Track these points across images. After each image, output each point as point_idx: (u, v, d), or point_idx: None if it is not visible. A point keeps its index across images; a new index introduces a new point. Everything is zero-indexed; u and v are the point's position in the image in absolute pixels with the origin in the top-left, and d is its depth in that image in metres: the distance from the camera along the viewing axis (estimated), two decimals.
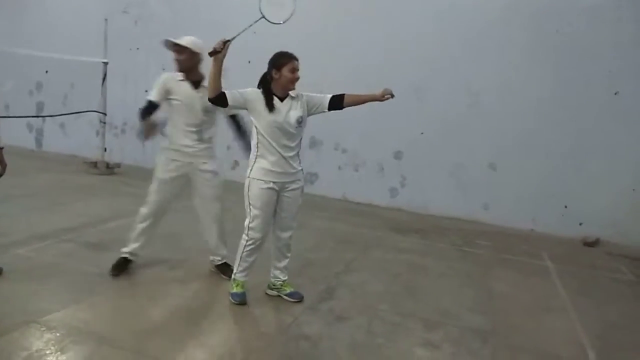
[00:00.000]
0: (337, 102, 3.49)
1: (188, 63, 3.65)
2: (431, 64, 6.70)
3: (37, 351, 2.71)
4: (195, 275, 3.96)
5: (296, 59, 3.39)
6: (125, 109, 8.53)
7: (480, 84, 6.53)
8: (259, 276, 3.79)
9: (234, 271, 3.58)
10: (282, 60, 3.34)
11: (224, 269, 3.96)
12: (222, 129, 3.94)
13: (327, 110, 3.52)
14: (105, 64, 7.74)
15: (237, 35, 3.15)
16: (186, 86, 3.66)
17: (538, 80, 6.29)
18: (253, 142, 3.41)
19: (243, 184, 3.48)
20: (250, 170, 3.41)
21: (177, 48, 3.65)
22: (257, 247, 3.51)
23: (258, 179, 3.38)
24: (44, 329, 2.95)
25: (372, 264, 4.71)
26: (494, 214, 6.58)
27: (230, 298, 3.54)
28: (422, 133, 6.84)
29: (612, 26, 5.96)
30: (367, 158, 7.13)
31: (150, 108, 3.62)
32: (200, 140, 3.75)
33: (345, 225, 5.95)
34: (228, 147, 7.80)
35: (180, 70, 3.68)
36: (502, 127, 6.49)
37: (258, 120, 3.32)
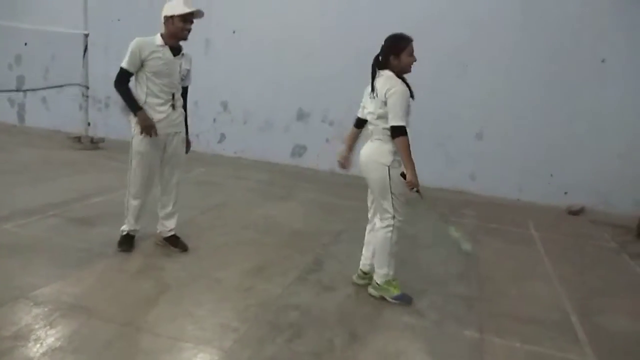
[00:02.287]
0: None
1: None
2: (418, 31, 6.59)
3: (26, 326, 2.72)
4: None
5: (412, 40, 3.32)
6: (108, 83, 8.19)
7: (468, 54, 6.49)
8: (245, 245, 3.80)
9: (385, 272, 3.34)
10: (402, 44, 3.31)
11: (175, 241, 3.94)
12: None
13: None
14: (86, 35, 7.55)
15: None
16: (167, 52, 3.57)
17: (525, 49, 6.26)
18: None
19: (229, 158, 3.45)
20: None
21: (193, 18, 3.55)
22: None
23: (397, 169, 3.32)
24: (32, 303, 2.95)
25: (360, 235, 4.69)
26: (481, 184, 6.64)
27: (394, 302, 3.33)
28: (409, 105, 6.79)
29: None
30: None
31: (126, 78, 3.55)
32: (175, 107, 3.69)
33: (333, 197, 5.98)
34: (214, 120, 7.74)
35: (183, 39, 3.59)
36: (489, 97, 6.49)
37: None
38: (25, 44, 8.84)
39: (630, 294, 3.89)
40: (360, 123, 3.55)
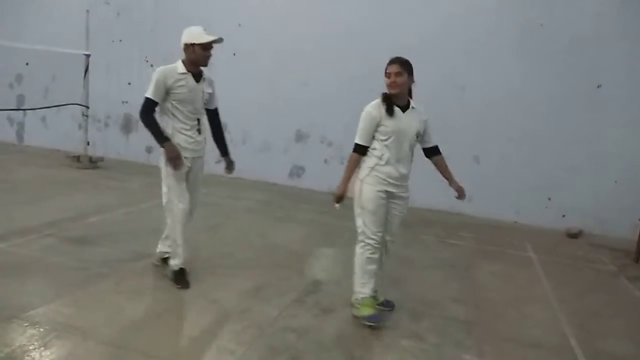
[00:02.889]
0: (430, 152, 3.68)
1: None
2: (415, 53, 6.67)
3: (20, 347, 2.68)
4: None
5: (392, 62, 3.36)
6: (108, 102, 8.44)
7: (465, 78, 6.57)
8: (246, 269, 3.78)
9: (357, 289, 3.36)
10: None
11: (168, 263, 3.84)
12: (202, 120, 3.89)
13: (422, 145, 3.63)
14: (88, 56, 7.62)
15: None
16: (190, 79, 3.58)
17: (522, 73, 6.34)
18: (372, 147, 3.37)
19: (228, 178, 3.45)
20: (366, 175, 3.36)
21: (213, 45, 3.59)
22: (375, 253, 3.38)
23: (371, 185, 3.33)
24: (26, 324, 2.92)
25: None
26: (478, 207, 6.64)
27: (365, 322, 3.27)
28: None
29: (595, 19, 6.02)
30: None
31: (152, 108, 3.52)
32: (200, 132, 3.71)
33: (331, 218, 5.96)
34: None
35: (204, 66, 3.63)
36: (486, 120, 6.55)
37: (381, 128, 3.32)
38: (27, 63, 8.91)
39: (630, 317, 3.87)
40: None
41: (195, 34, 3.51)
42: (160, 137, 3.52)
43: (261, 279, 3.91)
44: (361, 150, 3.34)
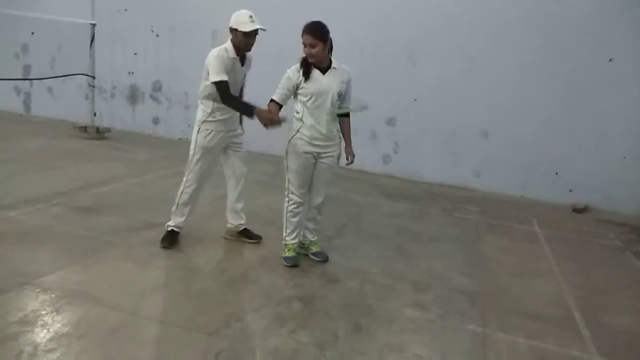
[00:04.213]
0: (342, 115, 3.66)
1: None
2: (426, 27, 6.62)
3: (32, 311, 2.74)
4: (190, 239, 3.97)
5: (304, 32, 3.39)
6: (114, 73, 8.39)
7: (475, 49, 6.47)
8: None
9: (283, 235, 3.73)
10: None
11: (248, 234, 4.07)
12: None
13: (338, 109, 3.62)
14: (93, 25, 7.55)
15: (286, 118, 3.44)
16: (238, 63, 3.67)
17: (533, 46, 6.24)
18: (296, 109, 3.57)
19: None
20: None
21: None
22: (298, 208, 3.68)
23: (295, 146, 3.55)
24: (38, 290, 2.97)
25: (364, 229, 4.76)
26: (485, 181, 6.64)
27: (284, 262, 3.68)
28: (415, 99, 6.81)
29: None
30: (360, 124, 7.09)
31: (228, 88, 3.53)
32: (228, 110, 3.76)
33: (338, 190, 5.97)
34: None
35: (247, 51, 3.68)
36: (495, 93, 6.47)
37: (300, 90, 3.48)
38: (32, 33, 8.84)
39: (634, 292, 3.89)
40: None
41: (239, 21, 3.52)
42: (249, 109, 3.48)
43: (268, 249, 3.95)
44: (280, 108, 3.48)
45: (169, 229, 3.89)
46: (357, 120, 7.26)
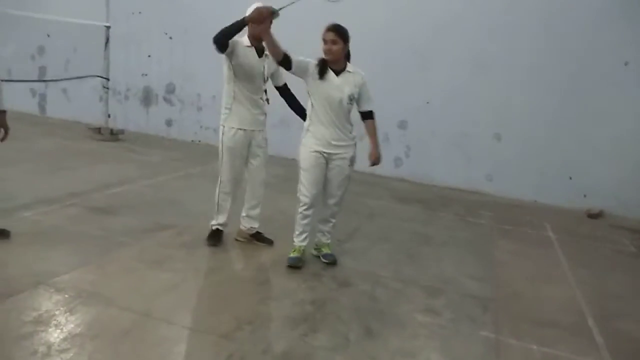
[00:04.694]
0: (364, 116, 3.68)
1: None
2: (437, 30, 6.59)
3: (46, 311, 2.77)
4: (202, 241, 3.98)
5: (328, 30, 3.44)
6: (128, 75, 8.47)
7: (487, 54, 6.44)
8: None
9: (294, 236, 3.76)
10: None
11: (260, 237, 4.09)
12: (221, 94, 3.90)
13: (359, 110, 3.67)
14: (108, 28, 7.64)
15: (284, 7, 3.27)
16: (252, 53, 3.70)
17: (546, 49, 6.19)
18: (308, 110, 3.60)
19: None
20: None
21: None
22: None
23: (306, 145, 3.58)
24: (52, 290, 3.00)
25: (375, 232, 4.75)
26: (498, 185, 6.59)
27: (287, 262, 3.70)
28: (427, 102, 6.78)
29: None
30: None
31: (223, 38, 3.46)
32: (258, 107, 3.83)
33: (349, 194, 5.92)
34: None
35: (259, 39, 3.65)
36: (508, 96, 6.43)
37: (312, 90, 3.51)
38: (48, 35, 8.96)
39: None
40: None
41: (249, 11, 3.52)
42: (238, 21, 3.42)
43: (280, 252, 3.94)
44: (286, 60, 3.40)
45: (214, 227, 3.98)
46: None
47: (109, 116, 8.00)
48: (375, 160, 3.66)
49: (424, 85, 6.73)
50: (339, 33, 3.41)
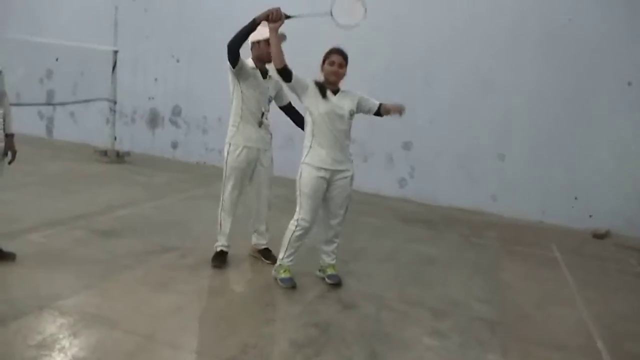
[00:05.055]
0: (380, 111, 3.68)
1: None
2: (441, 51, 6.66)
3: (50, 335, 2.76)
4: (206, 262, 3.98)
5: (337, 53, 3.53)
6: (135, 98, 8.57)
7: (490, 73, 6.48)
8: (266, 265, 3.84)
9: (281, 257, 3.72)
10: (325, 55, 3.55)
11: (267, 254, 4.13)
12: (226, 115, 3.94)
13: (373, 114, 3.69)
14: (116, 52, 7.76)
15: (297, 16, 3.36)
16: (259, 74, 3.82)
17: (549, 70, 6.24)
18: (307, 130, 3.60)
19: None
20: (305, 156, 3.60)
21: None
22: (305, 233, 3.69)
23: (308, 170, 3.56)
24: (56, 313, 3.00)
25: (380, 253, 4.73)
26: (503, 205, 6.57)
27: (280, 284, 3.68)
28: (431, 122, 6.81)
29: (626, 16, 5.89)
30: (376, 148, 7.12)
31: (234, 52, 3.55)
32: (262, 126, 3.91)
33: (354, 215, 5.90)
34: None
35: (269, 62, 3.68)
36: (511, 117, 6.46)
37: (313, 109, 3.52)
38: (57, 59, 9.10)
39: None
40: None
41: (261, 31, 3.59)
42: (249, 23, 3.45)
43: None
44: (287, 71, 3.42)
45: (218, 249, 4.01)
46: (373, 145, 7.32)
47: (115, 139, 8.07)
48: (400, 108, 3.66)
49: (428, 105, 6.76)
50: (345, 57, 3.53)
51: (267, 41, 3.60)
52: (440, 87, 6.76)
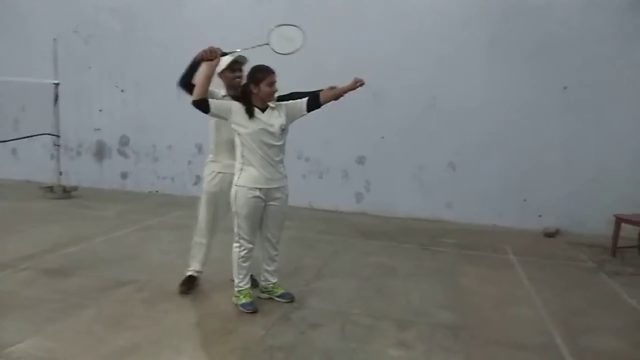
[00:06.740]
0: (314, 103, 3.64)
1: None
2: (389, 67, 6.80)
3: None
4: (164, 294, 3.86)
5: (273, 73, 3.50)
6: (79, 130, 8.31)
7: (437, 86, 6.67)
8: (229, 288, 3.76)
9: (236, 282, 3.68)
10: (259, 75, 3.46)
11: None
12: (195, 145, 3.89)
13: (306, 112, 3.66)
14: (57, 85, 7.53)
15: (233, 52, 3.45)
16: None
17: (493, 79, 6.48)
18: (238, 152, 3.53)
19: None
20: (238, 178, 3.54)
21: (239, 66, 3.73)
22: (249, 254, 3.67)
23: (242, 192, 3.51)
24: None
25: (341, 269, 4.72)
26: (457, 212, 6.72)
27: (241, 309, 3.63)
28: (382, 137, 6.93)
29: (559, 24, 6.23)
30: (331, 165, 7.17)
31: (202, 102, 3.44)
32: (233, 154, 3.73)
33: (313, 233, 5.95)
34: (189, 162, 7.71)
35: (238, 87, 3.66)
36: (459, 126, 6.65)
37: (241, 130, 3.47)
38: None
39: (612, 313, 3.94)
40: None
41: (223, 62, 3.59)
42: (192, 63, 3.50)
43: None
44: (204, 102, 3.40)
45: (188, 274, 3.97)
46: (328, 161, 7.37)
47: (61, 173, 7.77)
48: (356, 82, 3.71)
49: (379, 120, 6.87)
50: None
51: (229, 68, 3.65)
52: (389, 102, 6.89)
